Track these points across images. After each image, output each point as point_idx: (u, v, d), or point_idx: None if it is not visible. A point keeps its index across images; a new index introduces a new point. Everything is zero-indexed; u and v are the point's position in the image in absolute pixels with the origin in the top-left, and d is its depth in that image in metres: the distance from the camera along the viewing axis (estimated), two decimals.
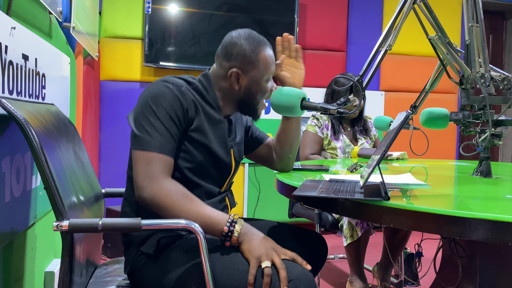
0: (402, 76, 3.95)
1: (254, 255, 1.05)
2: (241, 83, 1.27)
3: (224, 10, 3.41)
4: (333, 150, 2.45)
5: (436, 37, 1.50)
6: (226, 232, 1.08)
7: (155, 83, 1.20)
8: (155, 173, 1.10)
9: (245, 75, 1.27)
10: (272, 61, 1.31)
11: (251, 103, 1.31)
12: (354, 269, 2.13)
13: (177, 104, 1.17)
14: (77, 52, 2.28)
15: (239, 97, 1.30)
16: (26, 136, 0.97)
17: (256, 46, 1.27)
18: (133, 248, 1.21)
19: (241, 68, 1.26)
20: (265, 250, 1.06)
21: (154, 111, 1.14)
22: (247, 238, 1.09)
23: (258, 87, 1.29)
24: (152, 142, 1.12)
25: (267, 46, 1.31)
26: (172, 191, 1.10)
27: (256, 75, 1.27)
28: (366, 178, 0.99)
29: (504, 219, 0.82)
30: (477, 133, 1.47)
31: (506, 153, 4.70)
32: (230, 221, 1.10)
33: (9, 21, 1.15)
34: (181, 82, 1.22)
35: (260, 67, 1.27)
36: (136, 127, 1.15)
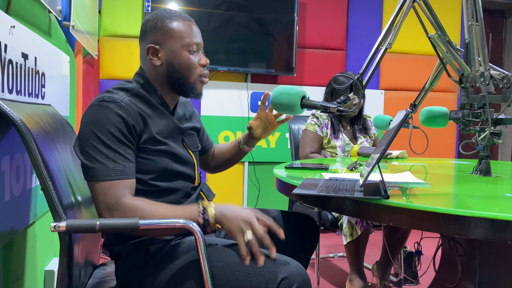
0: (401, 75, 3.95)
1: (234, 233, 1.06)
2: (160, 57, 1.21)
3: (224, 8, 3.41)
4: (332, 149, 2.45)
5: (436, 35, 1.50)
6: (203, 223, 1.08)
7: (93, 105, 1.12)
8: (113, 200, 1.06)
9: (161, 47, 1.21)
10: (190, 30, 1.22)
11: (178, 78, 1.22)
12: (354, 267, 2.14)
13: (121, 123, 1.10)
14: (77, 51, 2.27)
15: (166, 75, 1.22)
16: (23, 137, 0.96)
17: (169, 16, 1.22)
18: (122, 260, 1.19)
19: (156, 42, 1.21)
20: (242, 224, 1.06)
21: (99, 138, 1.08)
22: (223, 218, 1.08)
23: (179, 58, 1.21)
24: (105, 171, 1.07)
25: (185, 18, 1.24)
26: (137, 207, 1.06)
27: (174, 45, 1.20)
28: (365, 176, 0.99)
29: (503, 218, 0.82)
30: (477, 132, 1.47)
31: (505, 152, 4.70)
32: (201, 211, 1.08)
33: (8, 20, 1.15)
34: (120, 95, 1.14)
35: (175, 36, 1.20)
36: (85, 158, 1.09)
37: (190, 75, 1.23)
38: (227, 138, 3.52)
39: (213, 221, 1.08)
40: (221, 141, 3.51)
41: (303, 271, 1.06)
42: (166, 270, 1.13)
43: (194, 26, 1.25)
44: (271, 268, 1.03)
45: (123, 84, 1.21)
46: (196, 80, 1.25)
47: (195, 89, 1.26)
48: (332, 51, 3.83)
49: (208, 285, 1.04)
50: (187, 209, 1.10)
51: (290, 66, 3.55)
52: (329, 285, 2.53)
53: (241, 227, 1.06)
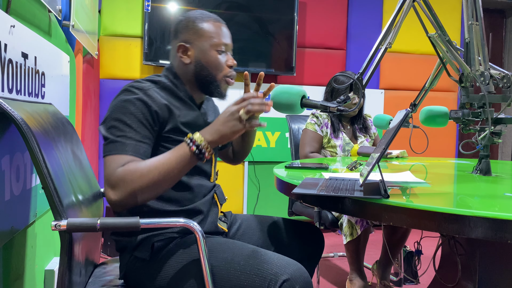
0: (401, 74, 3.94)
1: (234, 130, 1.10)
2: (190, 55, 1.26)
3: (224, 8, 3.41)
4: (332, 148, 2.45)
5: (436, 35, 1.50)
6: (195, 151, 1.09)
7: (121, 92, 1.18)
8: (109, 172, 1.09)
9: (192, 46, 1.25)
10: (220, 31, 1.27)
11: (205, 77, 1.26)
12: (354, 267, 2.14)
13: (144, 108, 1.15)
14: (77, 51, 2.27)
15: (193, 73, 1.26)
16: (24, 136, 0.96)
17: (201, 17, 1.27)
18: (127, 253, 1.20)
19: (187, 40, 1.25)
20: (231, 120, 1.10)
21: (121, 119, 1.13)
22: (212, 134, 1.10)
23: (207, 57, 1.25)
24: (123, 147, 1.11)
25: (216, 19, 1.29)
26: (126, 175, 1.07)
27: (203, 45, 1.25)
28: (365, 176, 0.99)
29: (503, 217, 0.82)
30: (477, 131, 1.47)
31: (505, 151, 4.70)
32: (188, 142, 1.10)
33: (8, 20, 1.15)
34: (147, 85, 1.19)
35: (206, 35, 1.25)
36: (108, 135, 1.14)
37: (217, 74, 1.27)
38: None
39: (205, 143, 1.10)
40: None
41: (305, 273, 1.06)
42: (169, 266, 1.13)
43: (224, 27, 1.30)
44: (273, 269, 1.03)
45: (152, 77, 1.26)
46: (222, 80, 1.28)
47: (220, 88, 1.29)
48: (332, 50, 3.83)
49: (208, 284, 1.04)
50: (176, 151, 1.11)
51: (290, 65, 3.55)
52: (329, 285, 2.53)
53: (233, 122, 1.10)
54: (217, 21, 1.28)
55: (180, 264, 1.12)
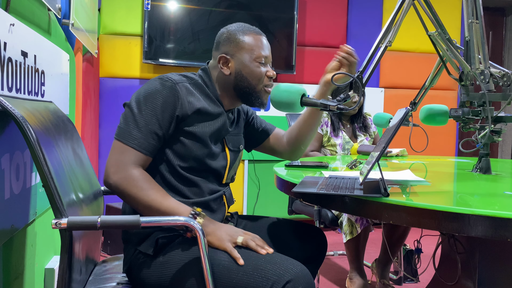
0: (401, 73, 3.94)
1: (225, 240, 1.10)
2: (230, 67, 1.29)
3: (224, 6, 3.40)
4: (332, 147, 2.45)
5: (436, 33, 1.49)
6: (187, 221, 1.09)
7: (152, 79, 1.22)
8: (125, 162, 1.13)
9: (232, 58, 1.29)
10: (261, 44, 1.31)
11: (245, 88, 1.30)
12: (354, 265, 2.14)
13: (167, 103, 1.18)
14: (76, 49, 2.27)
15: (233, 84, 1.30)
16: (24, 134, 0.96)
17: (242, 30, 1.30)
18: (131, 247, 1.21)
19: (228, 52, 1.29)
20: (231, 234, 1.12)
21: (141, 108, 1.17)
22: (209, 230, 1.12)
23: (248, 69, 1.29)
24: (131, 136, 1.15)
25: (257, 32, 1.32)
26: (139, 181, 1.12)
27: (244, 57, 1.28)
28: (365, 174, 0.99)
29: (503, 216, 0.82)
30: (477, 130, 1.47)
31: (505, 150, 4.70)
32: (192, 213, 1.12)
33: (8, 18, 1.15)
34: (178, 78, 1.23)
35: (247, 48, 1.29)
36: (123, 118, 1.18)
37: (257, 85, 1.30)
38: None
39: (200, 226, 1.08)
40: None
41: (308, 274, 1.06)
42: (172, 263, 1.14)
43: (264, 40, 1.33)
44: (276, 270, 1.03)
45: (186, 73, 1.30)
46: (262, 90, 1.32)
47: (260, 97, 1.32)
48: (332, 49, 3.83)
49: (208, 282, 1.04)
50: (179, 206, 1.14)
51: (290, 64, 3.55)
52: (329, 283, 2.53)
53: (229, 236, 1.11)
54: (258, 34, 1.32)
55: (183, 261, 1.13)
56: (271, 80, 1.33)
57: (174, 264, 1.13)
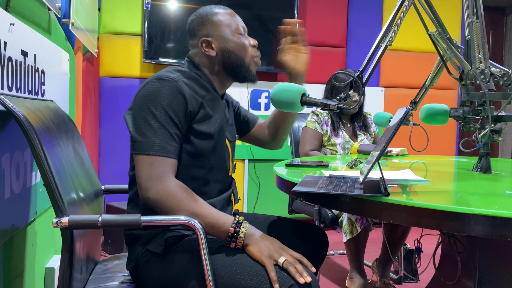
0: (402, 72, 3.94)
1: (265, 255, 1.05)
2: (215, 47, 1.28)
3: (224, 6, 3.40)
4: (332, 146, 2.45)
5: (436, 32, 1.49)
6: (232, 233, 1.08)
7: (150, 81, 1.17)
8: (158, 174, 1.09)
9: (213, 38, 1.28)
10: (234, 17, 1.31)
11: (235, 61, 1.29)
12: (354, 265, 2.14)
13: (176, 101, 1.15)
14: (76, 49, 2.27)
15: (221, 63, 1.29)
16: (25, 133, 0.96)
17: (211, 10, 1.30)
18: (139, 246, 1.20)
19: (207, 34, 1.28)
20: (274, 249, 1.06)
21: (152, 113, 1.13)
22: (253, 240, 1.08)
23: (231, 42, 1.28)
24: (152, 146, 1.11)
25: (223, 7, 1.33)
26: (177, 192, 1.09)
27: (224, 33, 1.28)
28: (365, 174, 0.99)
29: (503, 215, 0.82)
30: (477, 129, 1.47)
31: (505, 149, 4.70)
32: (235, 222, 1.09)
33: (8, 17, 1.15)
34: (177, 75, 1.20)
35: (223, 24, 1.28)
36: (135, 131, 1.13)
37: (245, 56, 1.29)
38: None
39: (243, 235, 1.08)
40: None
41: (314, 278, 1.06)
42: (179, 262, 1.14)
43: (235, 13, 1.33)
44: (280, 273, 1.03)
45: (178, 67, 1.27)
46: (251, 61, 1.31)
47: (251, 70, 1.31)
48: (332, 48, 3.83)
49: (209, 282, 1.05)
50: (221, 215, 1.10)
51: None
52: (329, 282, 2.53)
53: (272, 252, 1.06)
54: (227, 9, 1.33)
55: (188, 260, 1.12)
56: (256, 50, 1.32)
57: (180, 263, 1.13)
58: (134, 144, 1.13)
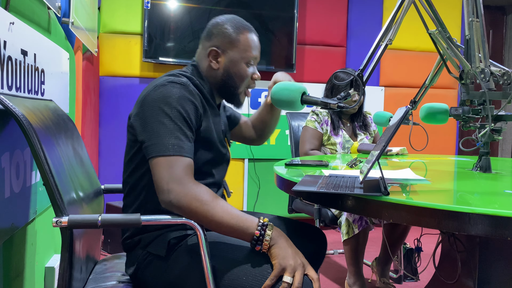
0: (402, 72, 3.94)
1: (281, 263, 1.02)
2: (220, 62, 1.27)
3: (224, 5, 3.40)
4: (332, 146, 2.45)
5: (437, 31, 1.49)
6: (258, 236, 1.05)
7: (161, 85, 1.15)
8: (179, 176, 1.06)
9: (223, 54, 1.27)
10: (254, 45, 1.29)
11: (230, 86, 1.29)
12: (352, 269, 2.10)
13: (188, 105, 1.14)
14: (76, 48, 2.27)
15: (220, 79, 1.28)
16: (25, 132, 0.96)
17: (238, 27, 1.28)
18: (139, 249, 1.20)
19: (220, 47, 1.27)
20: (294, 263, 1.02)
21: (166, 113, 1.10)
22: (279, 243, 1.05)
23: (236, 68, 1.27)
24: (168, 146, 1.08)
25: (251, 31, 1.30)
26: (199, 194, 1.06)
27: (235, 56, 1.27)
28: (365, 173, 0.99)
29: (503, 214, 0.82)
30: (477, 128, 1.47)
31: (505, 148, 4.70)
32: (260, 224, 1.06)
33: (8, 17, 1.15)
34: (185, 80, 1.19)
35: (239, 47, 1.27)
36: (148, 134, 1.10)
37: (240, 85, 1.30)
38: None
39: (268, 239, 1.05)
40: None
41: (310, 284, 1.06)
42: (182, 262, 1.13)
43: (256, 39, 1.31)
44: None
45: (184, 72, 1.26)
46: (243, 91, 1.31)
47: (239, 98, 1.33)
48: (332, 47, 3.83)
49: (209, 281, 1.05)
50: (245, 216, 1.07)
51: (290, 62, 3.55)
52: (329, 282, 2.53)
53: (288, 264, 1.02)
54: (251, 33, 1.30)
55: (193, 261, 1.12)
56: (254, 82, 1.33)
57: (183, 262, 1.13)
58: (148, 148, 1.10)
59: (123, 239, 1.24)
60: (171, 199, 1.05)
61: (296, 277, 1.01)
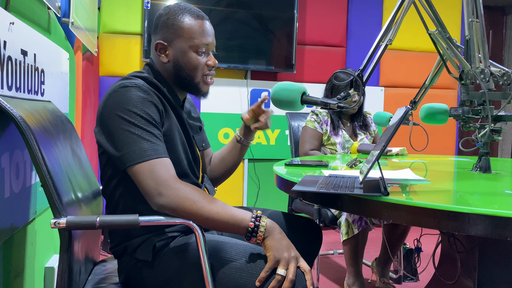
0: (401, 72, 3.94)
1: (276, 255, 1.03)
2: (168, 55, 1.22)
3: (223, 5, 3.40)
4: (332, 146, 2.45)
5: (436, 32, 1.49)
6: (252, 228, 1.04)
7: (113, 91, 1.11)
8: (164, 178, 1.05)
9: (170, 45, 1.21)
10: (202, 31, 1.21)
11: (184, 78, 1.22)
12: (352, 269, 2.10)
13: (147, 105, 1.10)
14: (76, 48, 2.27)
15: (171, 73, 1.23)
16: (23, 134, 0.96)
17: (180, 14, 1.21)
18: (126, 256, 1.19)
19: (165, 39, 1.21)
20: (288, 256, 1.03)
21: (129, 121, 1.07)
22: (273, 235, 1.05)
23: (186, 59, 1.20)
24: (143, 151, 1.05)
25: (196, 15, 1.22)
26: (189, 193, 1.05)
27: (182, 45, 1.20)
28: (365, 173, 0.99)
29: (503, 214, 0.82)
30: (477, 129, 1.47)
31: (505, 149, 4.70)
32: (254, 216, 1.06)
33: (7, 17, 1.15)
34: (139, 81, 1.14)
35: (184, 36, 1.20)
36: (116, 145, 1.07)
37: (195, 76, 1.23)
38: (227, 135, 3.52)
39: (263, 229, 1.05)
40: (221, 139, 3.51)
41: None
42: (171, 265, 1.13)
43: (206, 25, 1.23)
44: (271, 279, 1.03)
45: (138, 73, 1.22)
46: (200, 81, 1.24)
47: (200, 89, 1.25)
48: (332, 48, 3.83)
49: (208, 282, 1.04)
50: (239, 211, 1.07)
51: (290, 63, 3.55)
52: (329, 282, 2.53)
53: (283, 257, 1.03)
54: (199, 18, 1.22)
55: (182, 263, 1.12)
56: (211, 69, 1.25)
57: (174, 266, 1.12)
58: (122, 159, 1.06)
59: (111, 247, 1.23)
60: (162, 203, 1.04)
61: (290, 270, 1.02)
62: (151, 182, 1.04)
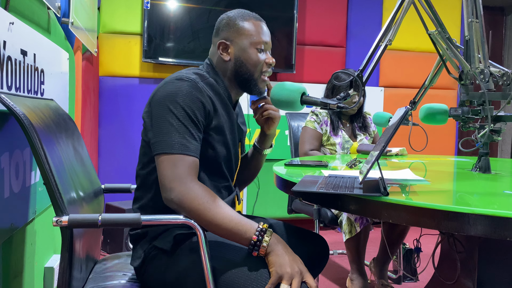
0: (401, 72, 3.94)
1: (278, 271, 1.02)
2: (230, 53, 1.28)
3: (223, 5, 3.40)
4: (332, 146, 2.45)
5: (436, 32, 1.49)
6: (255, 241, 1.05)
7: (170, 82, 1.17)
8: (182, 175, 1.07)
9: (232, 44, 1.28)
10: (260, 30, 1.29)
11: (244, 74, 1.28)
12: (355, 266, 2.13)
13: (195, 102, 1.14)
14: (76, 48, 2.27)
15: (233, 71, 1.28)
16: (26, 131, 0.96)
17: (242, 16, 1.31)
18: (145, 242, 1.20)
19: (227, 38, 1.28)
20: (291, 271, 1.02)
21: (172, 111, 1.12)
22: (276, 250, 1.05)
23: (247, 55, 1.27)
24: (173, 144, 1.09)
25: (257, 18, 1.32)
26: (199, 195, 1.06)
27: (243, 43, 1.27)
28: (365, 173, 0.99)
29: (502, 215, 0.82)
30: (476, 129, 1.47)
31: (505, 149, 4.71)
32: (259, 229, 1.06)
33: (7, 17, 1.15)
34: (195, 77, 1.20)
35: (246, 34, 1.28)
36: (155, 130, 1.12)
37: (255, 72, 1.29)
38: None
39: (266, 245, 1.05)
40: None
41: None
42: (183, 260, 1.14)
43: (264, 26, 1.32)
44: None
45: (197, 69, 1.27)
46: (259, 77, 1.30)
47: (258, 85, 1.31)
48: (332, 48, 3.83)
49: (208, 281, 1.05)
50: (244, 221, 1.07)
51: (289, 63, 3.55)
52: (329, 282, 2.53)
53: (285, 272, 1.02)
54: (257, 20, 1.32)
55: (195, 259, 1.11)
56: (270, 67, 1.31)
57: (186, 260, 1.13)
58: (154, 145, 1.12)
59: (130, 229, 1.24)
60: (172, 197, 1.07)
61: (294, 285, 1.01)
62: (169, 174, 1.08)
